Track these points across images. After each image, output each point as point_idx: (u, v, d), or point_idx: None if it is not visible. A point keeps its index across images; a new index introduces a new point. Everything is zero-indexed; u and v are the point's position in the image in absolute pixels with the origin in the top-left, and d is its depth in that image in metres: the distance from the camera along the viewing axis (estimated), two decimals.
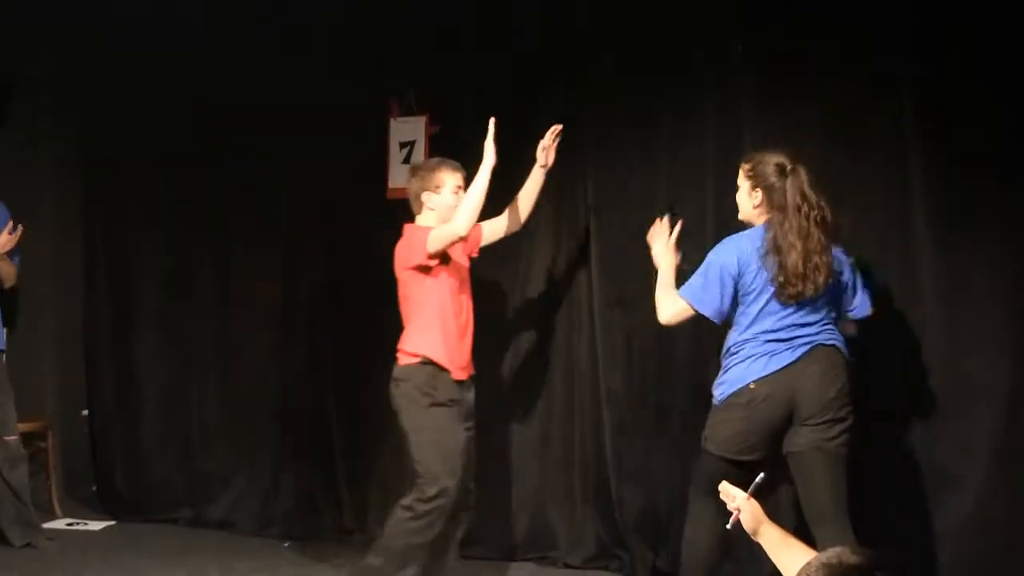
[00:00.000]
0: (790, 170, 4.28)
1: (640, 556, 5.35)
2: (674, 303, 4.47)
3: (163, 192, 6.53)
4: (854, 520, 4.62)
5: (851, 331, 4.49)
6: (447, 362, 4.73)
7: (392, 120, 5.87)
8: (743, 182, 4.41)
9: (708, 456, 4.37)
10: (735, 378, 4.30)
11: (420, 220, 4.86)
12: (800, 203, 4.23)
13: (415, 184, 4.87)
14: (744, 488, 3.19)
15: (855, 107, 4.94)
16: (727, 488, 3.21)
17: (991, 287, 4.71)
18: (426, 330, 4.74)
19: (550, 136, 4.95)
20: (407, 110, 5.84)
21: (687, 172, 5.24)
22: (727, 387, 4.33)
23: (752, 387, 4.26)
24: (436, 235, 4.70)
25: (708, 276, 4.35)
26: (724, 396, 4.34)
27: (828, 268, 4.25)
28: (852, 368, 4.35)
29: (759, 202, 4.35)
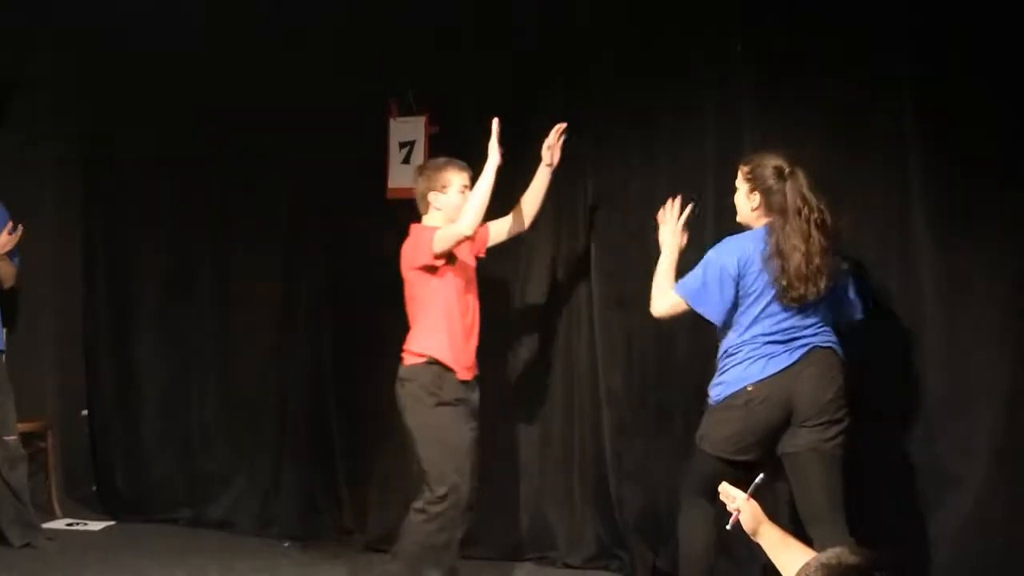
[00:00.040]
0: (788, 173, 4.28)
1: (640, 556, 5.35)
2: (670, 297, 4.47)
3: (163, 192, 6.53)
4: (854, 520, 4.63)
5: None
6: (453, 362, 4.72)
7: (392, 120, 5.87)
8: (741, 184, 4.41)
9: (703, 455, 4.38)
10: (733, 379, 4.30)
11: (427, 220, 4.85)
12: (800, 206, 4.23)
13: (421, 184, 4.87)
14: (740, 488, 3.19)
15: (855, 107, 4.94)
16: (727, 489, 3.21)
17: (991, 287, 4.71)
18: (432, 330, 4.73)
19: (555, 135, 4.94)
20: (407, 110, 5.83)
21: (687, 172, 5.24)
22: (724, 388, 4.33)
23: (750, 389, 4.27)
24: (442, 235, 4.70)
25: (707, 276, 4.35)
26: (721, 397, 4.34)
27: (829, 271, 4.26)
28: (848, 369, 4.35)
29: (757, 204, 4.35)
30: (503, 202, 4.99)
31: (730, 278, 4.30)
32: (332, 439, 6.11)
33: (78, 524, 6.30)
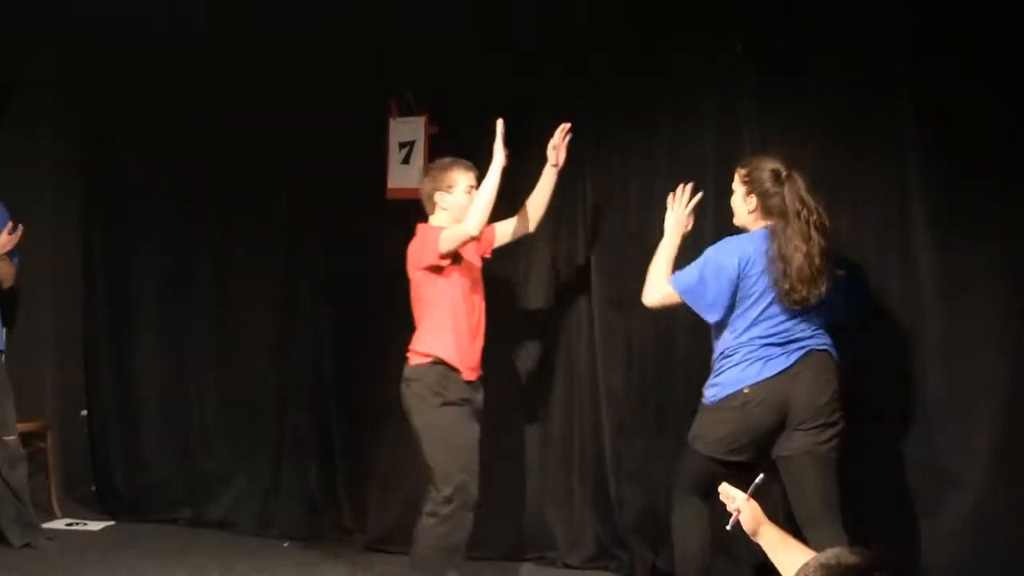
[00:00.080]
0: (786, 176, 4.30)
1: (639, 556, 5.34)
2: (663, 288, 4.48)
3: (163, 192, 6.54)
4: (854, 520, 4.63)
5: None
6: (458, 362, 4.72)
7: (392, 120, 5.86)
8: (738, 187, 4.43)
9: (695, 455, 4.38)
10: (729, 381, 4.31)
11: (433, 220, 4.84)
12: (800, 208, 4.25)
13: (428, 184, 4.86)
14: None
15: (855, 107, 4.94)
16: (727, 489, 3.21)
17: (991, 287, 4.71)
18: (437, 330, 4.72)
19: (559, 135, 4.93)
20: (406, 110, 5.83)
21: (687, 172, 5.22)
22: (720, 389, 4.33)
23: (746, 391, 4.27)
24: (448, 235, 4.69)
25: (705, 273, 4.35)
26: (717, 398, 4.34)
27: (830, 273, 4.27)
28: (843, 372, 4.36)
29: (754, 207, 4.37)
30: (504, 202, 4.99)
31: (727, 278, 4.30)
32: (332, 439, 6.10)
33: (78, 524, 6.30)
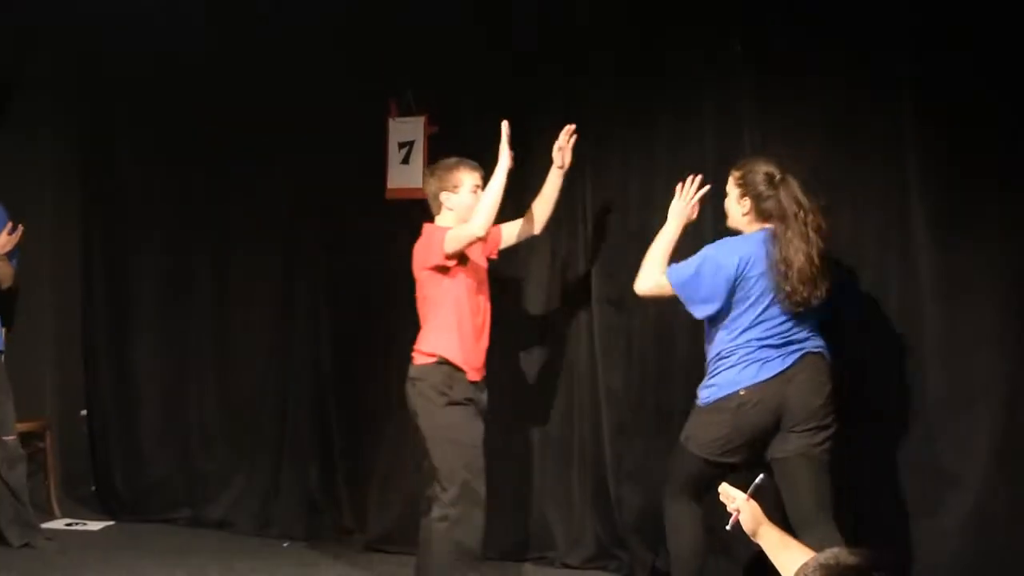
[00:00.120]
0: (779, 180, 4.31)
1: (639, 556, 5.34)
2: (657, 278, 4.47)
3: (163, 192, 6.54)
4: (854, 520, 4.63)
5: None
6: (463, 362, 4.70)
7: (391, 120, 5.86)
8: (732, 190, 4.44)
9: (688, 455, 4.38)
10: (725, 382, 4.31)
11: (439, 220, 4.83)
12: (796, 210, 4.26)
13: (433, 184, 4.84)
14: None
15: (855, 107, 4.94)
16: (727, 489, 3.21)
17: (991, 287, 4.71)
18: (442, 330, 4.71)
19: (564, 136, 4.92)
20: (406, 110, 5.83)
21: (687, 172, 5.22)
22: (716, 391, 4.33)
23: (742, 393, 4.27)
24: (453, 235, 4.67)
25: (703, 269, 4.34)
26: (712, 399, 4.34)
27: (829, 273, 4.28)
28: (836, 373, 4.37)
29: (747, 210, 4.39)
30: (507, 202, 4.97)
31: (724, 278, 4.30)
32: (332, 439, 6.10)
33: (77, 524, 6.30)
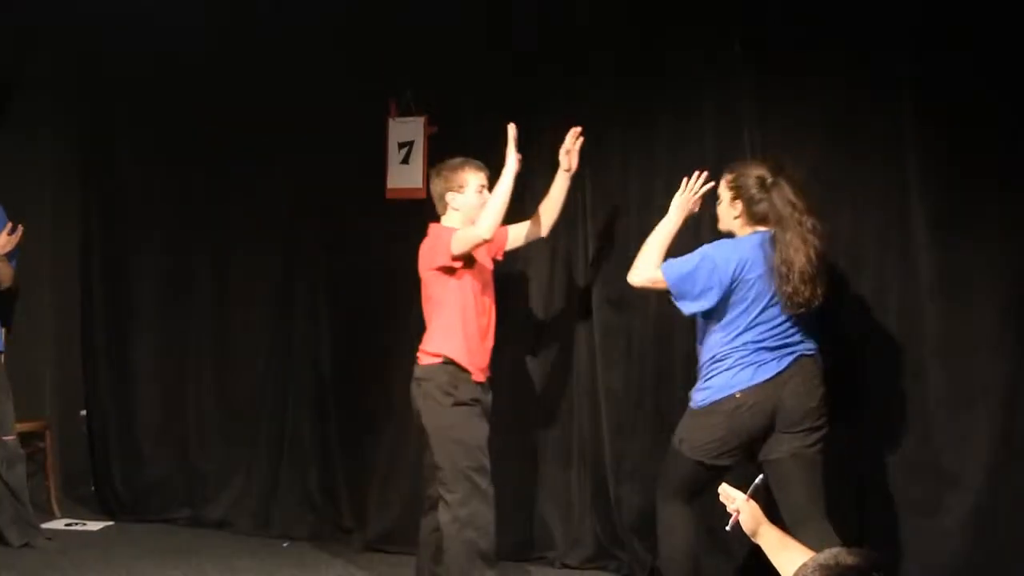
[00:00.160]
0: (772, 183, 4.31)
1: (638, 557, 5.34)
2: (653, 272, 4.46)
3: (162, 192, 6.54)
4: (854, 520, 4.63)
5: None
6: (468, 363, 4.68)
7: (391, 120, 5.86)
8: (724, 193, 4.44)
9: (680, 458, 4.38)
10: (721, 385, 4.30)
11: (445, 220, 4.81)
12: (791, 212, 4.26)
13: (439, 185, 4.82)
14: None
15: (855, 107, 4.94)
16: (727, 490, 3.21)
17: (991, 287, 4.71)
18: (448, 330, 4.69)
19: (571, 139, 4.90)
20: (405, 110, 5.83)
21: (687, 172, 5.22)
22: (711, 393, 4.32)
23: (738, 396, 4.27)
24: (460, 237, 4.66)
25: (699, 267, 4.33)
26: (706, 402, 4.34)
27: (827, 274, 4.28)
28: (828, 376, 4.39)
29: (739, 213, 4.39)
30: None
31: (720, 280, 4.29)
32: (332, 439, 6.10)
33: (77, 524, 6.30)
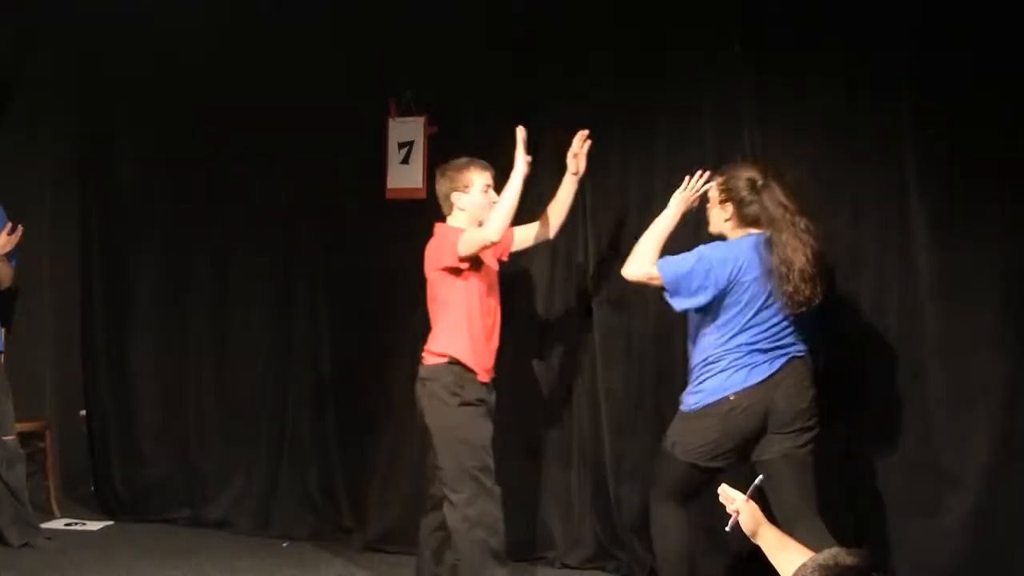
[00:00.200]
0: (762, 185, 4.31)
1: (638, 557, 5.33)
2: (648, 268, 4.44)
3: (162, 192, 6.54)
4: (854, 520, 4.63)
5: None
6: (474, 364, 4.67)
7: (391, 120, 5.86)
8: (714, 196, 4.44)
9: (674, 461, 4.38)
10: (714, 388, 4.31)
11: (451, 220, 4.80)
12: (783, 213, 4.27)
13: (444, 185, 4.81)
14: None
15: (855, 107, 4.94)
16: (727, 491, 3.21)
17: (991, 287, 4.71)
18: (454, 331, 4.68)
19: (579, 142, 4.87)
20: (405, 110, 5.83)
21: (686, 172, 5.22)
22: (705, 396, 4.33)
23: (732, 398, 4.28)
24: (468, 239, 4.64)
25: (695, 268, 4.33)
26: (699, 405, 4.34)
27: (825, 274, 4.29)
28: (818, 377, 4.41)
29: (730, 216, 4.40)
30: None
31: (715, 281, 4.29)
32: (332, 439, 6.10)
33: (76, 524, 6.30)
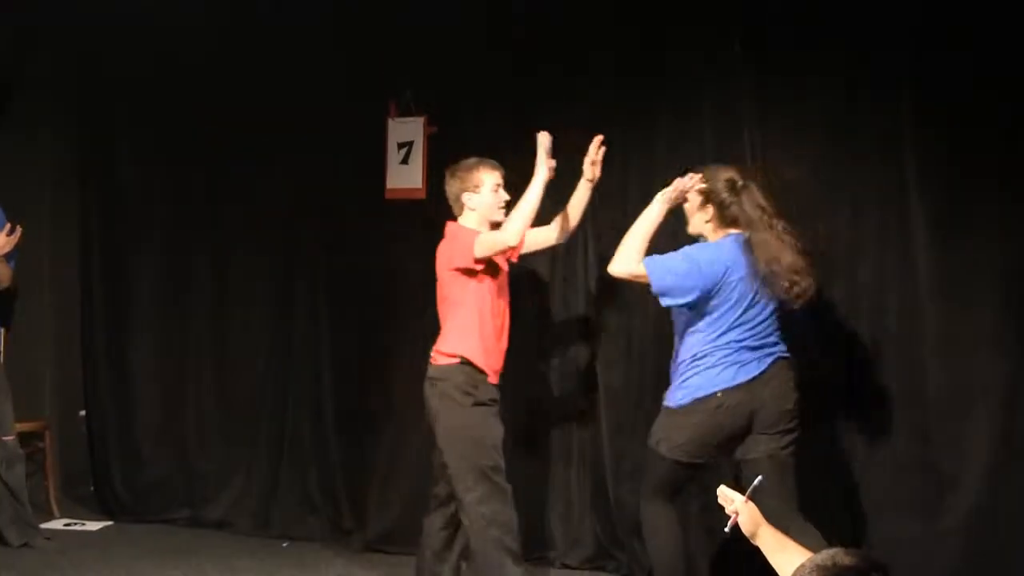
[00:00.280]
0: (741, 186, 4.33)
1: (638, 557, 5.33)
2: (635, 265, 4.43)
3: (162, 192, 6.54)
4: (853, 520, 4.63)
5: None
6: (484, 364, 4.66)
7: (390, 120, 5.86)
8: (694, 197, 4.44)
9: (659, 458, 4.39)
10: (702, 384, 4.31)
11: (462, 220, 4.77)
12: (760, 215, 4.29)
13: (454, 186, 4.78)
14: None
15: (855, 107, 4.94)
16: (725, 491, 3.21)
17: (991, 287, 4.71)
18: (464, 331, 4.66)
19: (595, 149, 4.80)
20: (405, 110, 5.83)
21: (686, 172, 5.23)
22: (691, 391, 4.33)
23: (720, 395, 4.29)
24: (485, 241, 4.61)
25: (682, 268, 4.32)
26: (686, 400, 4.34)
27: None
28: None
29: (710, 217, 4.41)
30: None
31: (703, 282, 4.28)
32: (332, 439, 6.09)
33: (76, 524, 6.30)
